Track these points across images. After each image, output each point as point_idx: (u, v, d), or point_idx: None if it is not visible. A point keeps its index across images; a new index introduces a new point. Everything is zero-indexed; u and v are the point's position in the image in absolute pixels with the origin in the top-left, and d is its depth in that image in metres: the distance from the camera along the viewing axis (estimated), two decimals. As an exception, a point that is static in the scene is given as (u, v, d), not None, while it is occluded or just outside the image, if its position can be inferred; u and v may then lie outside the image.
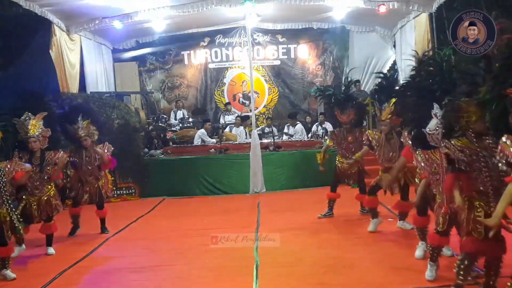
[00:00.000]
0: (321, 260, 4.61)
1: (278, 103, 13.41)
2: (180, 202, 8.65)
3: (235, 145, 10.04)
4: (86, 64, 10.49)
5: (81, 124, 5.78)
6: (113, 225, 6.40)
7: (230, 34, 12.99)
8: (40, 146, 4.95)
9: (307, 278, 4.12)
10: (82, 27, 9.73)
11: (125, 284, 4.28)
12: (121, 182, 9.08)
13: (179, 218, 7.19)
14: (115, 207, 8.36)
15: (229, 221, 6.67)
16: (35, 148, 4.92)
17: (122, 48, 12.64)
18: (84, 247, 5.40)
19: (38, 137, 4.91)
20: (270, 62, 13.37)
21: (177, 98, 13.04)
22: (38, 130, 4.91)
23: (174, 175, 9.17)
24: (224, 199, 8.66)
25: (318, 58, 13.37)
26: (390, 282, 3.92)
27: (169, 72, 13.37)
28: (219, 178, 9.25)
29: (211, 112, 13.24)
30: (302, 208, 7.26)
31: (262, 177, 9.01)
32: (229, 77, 13.35)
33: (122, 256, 5.15)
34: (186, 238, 5.80)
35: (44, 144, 4.98)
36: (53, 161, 5.04)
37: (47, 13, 8.49)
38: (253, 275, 4.19)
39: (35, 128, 4.89)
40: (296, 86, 13.44)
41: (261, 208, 7.42)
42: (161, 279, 4.32)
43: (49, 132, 5.02)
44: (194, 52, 13.26)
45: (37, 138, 4.91)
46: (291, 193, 8.78)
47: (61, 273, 4.54)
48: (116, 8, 9.26)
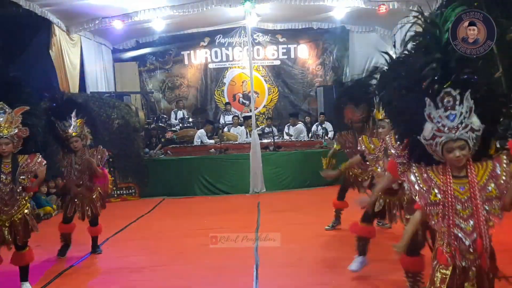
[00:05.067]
0: (321, 260, 4.61)
1: (278, 103, 13.43)
2: (180, 202, 8.64)
3: (235, 145, 10.04)
4: (86, 64, 10.51)
5: (74, 122, 4.77)
6: (113, 225, 6.40)
7: (230, 34, 13.01)
8: (13, 149, 3.80)
9: (307, 278, 4.13)
10: (82, 27, 9.75)
11: (125, 284, 4.28)
12: (121, 182, 9.08)
13: (179, 218, 7.19)
14: (115, 207, 8.37)
15: (229, 221, 6.66)
16: (5, 152, 3.77)
17: (122, 48, 12.67)
18: (84, 247, 5.39)
19: (12, 138, 3.76)
20: (270, 62, 13.39)
21: (178, 98, 13.06)
22: (13, 129, 3.75)
23: (174, 175, 9.17)
24: (224, 199, 8.66)
25: (318, 58, 13.39)
26: (390, 282, 3.92)
27: (169, 72, 13.39)
28: (219, 178, 9.25)
29: (211, 112, 13.26)
30: (302, 208, 7.26)
31: (262, 177, 9.01)
32: (229, 77, 13.37)
33: (122, 256, 5.15)
34: (186, 238, 5.80)
35: (17, 147, 3.82)
36: (29, 169, 3.86)
37: (47, 13, 8.51)
38: (253, 275, 4.19)
39: (10, 127, 3.74)
40: (296, 86, 13.46)
41: (261, 208, 7.42)
42: (161, 279, 4.32)
43: (27, 132, 3.83)
44: (194, 52, 13.28)
45: (11, 140, 3.76)
46: (291, 193, 8.77)
47: (61, 273, 4.54)
48: (116, 8, 9.28)
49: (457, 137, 2.27)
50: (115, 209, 8.03)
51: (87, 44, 10.65)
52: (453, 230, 2.32)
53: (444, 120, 2.28)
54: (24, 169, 3.84)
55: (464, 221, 2.31)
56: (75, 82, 9.83)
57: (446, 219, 2.33)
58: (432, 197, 2.37)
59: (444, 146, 2.30)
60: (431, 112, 2.31)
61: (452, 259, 2.35)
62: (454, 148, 2.28)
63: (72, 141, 4.75)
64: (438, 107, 2.30)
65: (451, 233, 2.33)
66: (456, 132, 2.27)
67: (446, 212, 2.33)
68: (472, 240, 2.28)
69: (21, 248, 4.00)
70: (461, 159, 2.30)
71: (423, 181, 2.41)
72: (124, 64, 12.73)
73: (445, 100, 2.28)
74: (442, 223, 2.34)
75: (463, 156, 2.29)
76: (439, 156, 2.35)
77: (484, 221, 2.27)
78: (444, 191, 2.33)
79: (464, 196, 2.32)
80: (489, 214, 2.28)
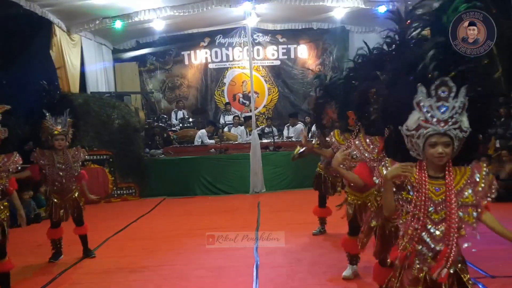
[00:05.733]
0: (321, 260, 4.62)
1: (278, 103, 13.43)
2: (180, 202, 8.65)
3: (235, 145, 10.05)
4: (87, 64, 10.52)
5: (64, 119, 4.62)
6: (113, 225, 6.41)
7: (230, 34, 13.02)
8: None
9: (307, 278, 4.13)
10: (82, 27, 9.76)
11: (125, 284, 4.28)
12: (121, 182, 9.09)
13: (179, 218, 7.19)
14: (115, 207, 8.38)
15: (229, 221, 6.67)
16: None
17: (122, 48, 12.67)
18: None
19: None
20: (270, 62, 13.39)
21: (178, 98, 13.06)
22: None
23: (174, 175, 9.18)
24: (224, 199, 8.66)
25: (318, 58, 13.39)
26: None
27: (170, 72, 13.40)
28: (219, 178, 9.26)
29: (211, 112, 13.26)
30: (302, 208, 7.25)
31: (262, 177, 9.02)
32: (229, 77, 13.37)
33: (122, 256, 5.14)
34: (186, 238, 5.80)
35: None
36: (6, 168, 3.63)
37: (48, 13, 8.52)
38: (253, 275, 4.19)
39: None
40: (296, 86, 13.47)
41: (261, 208, 7.42)
42: (161, 279, 4.32)
43: (6, 133, 3.63)
44: (194, 52, 13.29)
45: None
46: (291, 193, 8.78)
47: (61, 273, 4.54)
48: (117, 8, 9.28)
49: (444, 132, 2.08)
50: (115, 209, 8.05)
51: (87, 44, 10.65)
52: (421, 233, 2.14)
53: (434, 110, 2.08)
54: (1, 168, 3.60)
55: (434, 225, 2.13)
56: (75, 82, 9.84)
57: (416, 221, 2.13)
58: (404, 193, 2.19)
59: (428, 140, 2.11)
60: (422, 100, 2.09)
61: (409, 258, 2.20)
62: (438, 144, 2.09)
63: (58, 139, 4.61)
64: (431, 95, 2.08)
65: (417, 236, 2.15)
66: (444, 126, 2.08)
67: (417, 212, 2.13)
68: (438, 247, 2.12)
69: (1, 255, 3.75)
70: (443, 157, 2.10)
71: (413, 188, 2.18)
72: (124, 64, 12.73)
73: (440, 89, 2.07)
74: (410, 224, 2.16)
75: (446, 154, 2.10)
76: (417, 151, 2.17)
77: (456, 228, 2.08)
78: (418, 190, 2.14)
79: (439, 198, 2.13)
80: (462, 221, 2.10)
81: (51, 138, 4.61)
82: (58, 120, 4.60)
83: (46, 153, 4.66)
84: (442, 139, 2.10)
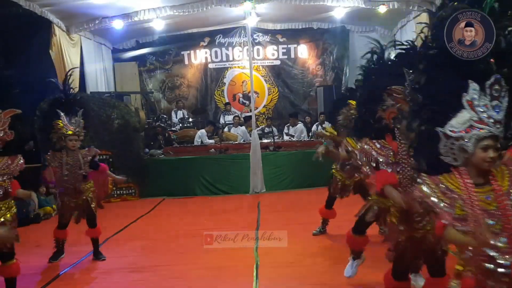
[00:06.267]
0: (321, 260, 4.61)
1: (278, 103, 13.42)
2: (180, 202, 8.64)
3: (235, 145, 10.05)
4: (86, 64, 10.51)
5: (77, 120, 4.59)
6: (113, 225, 6.40)
7: (230, 34, 13.02)
8: None
9: (307, 278, 4.12)
10: (82, 27, 9.75)
11: (125, 284, 4.28)
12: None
13: (179, 218, 7.19)
14: (115, 207, 8.37)
15: (229, 221, 6.67)
16: None
17: (122, 48, 12.67)
18: (84, 247, 5.38)
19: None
20: (270, 62, 13.39)
21: (178, 98, 13.06)
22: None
23: (174, 175, 9.17)
24: (224, 199, 8.66)
25: (318, 58, 13.39)
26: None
27: (169, 72, 13.39)
28: (219, 178, 9.25)
29: (211, 112, 13.26)
30: (302, 208, 7.25)
31: (262, 177, 9.01)
32: (229, 77, 13.36)
33: (122, 256, 5.14)
34: (186, 238, 5.80)
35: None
36: (10, 170, 3.54)
37: (47, 13, 8.51)
38: (253, 275, 4.19)
39: None
40: (296, 86, 13.46)
41: (261, 208, 7.42)
42: (161, 279, 4.32)
43: (12, 136, 3.50)
44: (194, 52, 13.28)
45: None
46: (291, 193, 8.77)
47: (61, 273, 4.54)
48: (116, 8, 9.28)
49: (498, 134, 1.86)
50: (115, 209, 8.04)
51: (87, 44, 10.64)
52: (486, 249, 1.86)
53: (490, 110, 1.85)
54: (5, 171, 3.50)
55: (495, 237, 1.85)
56: (75, 82, 9.79)
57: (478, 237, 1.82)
58: (457, 211, 1.88)
59: (480, 143, 1.88)
60: (475, 99, 1.84)
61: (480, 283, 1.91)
62: (490, 147, 1.87)
63: (72, 139, 4.55)
64: (485, 94, 1.85)
65: (482, 252, 1.86)
66: (499, 127, 1.86)
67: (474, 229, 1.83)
68: (508, 261, 1.84)
69: (7, 259, 3.65)
70: (493, 162, 1.89)
71: (441, 193, 1.92)
72: (124, 64, 12.72)
73: (494, 87, 1.86)
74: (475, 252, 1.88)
75: (495, 159, 1.89)
76: (456, 155, 1.92)
77: None
78: (470, 204, 1.86)
79: (492, 207, 1.89)
80: None
81: (64, 139, 4.56)
82: (72, 121, 4.56)
83: (57, 155, 4.63)
84: (494, 142, 1.90)
